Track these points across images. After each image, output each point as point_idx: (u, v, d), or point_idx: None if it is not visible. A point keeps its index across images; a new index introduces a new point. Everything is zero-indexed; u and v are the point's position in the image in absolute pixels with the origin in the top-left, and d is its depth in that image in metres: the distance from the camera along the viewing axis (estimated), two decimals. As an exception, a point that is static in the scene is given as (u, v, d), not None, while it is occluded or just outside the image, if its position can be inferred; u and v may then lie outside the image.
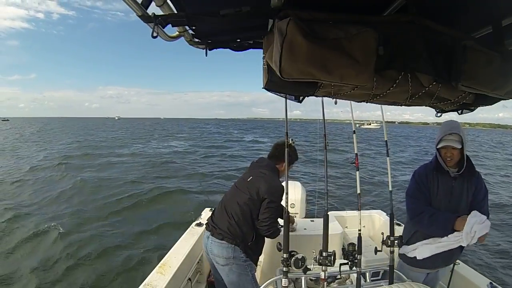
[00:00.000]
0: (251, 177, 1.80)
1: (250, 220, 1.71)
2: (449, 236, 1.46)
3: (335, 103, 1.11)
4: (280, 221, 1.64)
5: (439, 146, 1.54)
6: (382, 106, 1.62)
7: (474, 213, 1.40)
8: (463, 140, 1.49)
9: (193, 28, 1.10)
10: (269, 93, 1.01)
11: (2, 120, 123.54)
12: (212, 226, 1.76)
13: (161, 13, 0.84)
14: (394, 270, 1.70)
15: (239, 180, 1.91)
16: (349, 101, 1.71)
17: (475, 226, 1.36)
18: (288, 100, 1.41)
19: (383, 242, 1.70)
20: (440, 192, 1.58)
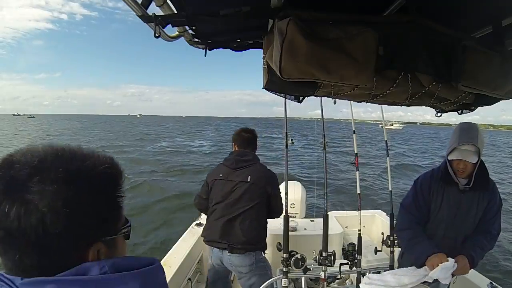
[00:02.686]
0: (248, 178, 1.68)
1: (262, 219, 1.70)
2: (417, 270, 1.25)
3: (334, 102, 1.11)
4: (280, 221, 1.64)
5: (451, 157, 1.30)
6: (382, 106, 1.62)
7: (450, 263, 1.19)
8: (480, 151, 1.26)
9: (193, 28, 1.10)
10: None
11: (28, 117, 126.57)
12: (224, 243, 1.63)
13: (161, 13, 0.84)
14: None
15: (227, 184, 1.71)
16: (350, 101, 1.72)
17: (441, 273, 1.18)
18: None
19: (383, 242, 1.71)
20: (444, 205, 1.37)
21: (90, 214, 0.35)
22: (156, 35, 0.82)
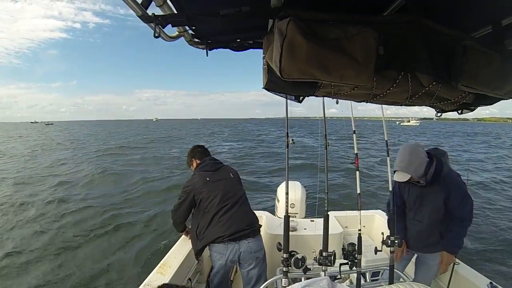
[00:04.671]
0: (230, 174, 1.98)
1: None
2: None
3: (337, 102, 1.11)
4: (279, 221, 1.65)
5: (395, 177, 1.71)
6: (382, 106, 1.62)
7: (408, 255, 2.02)
8: (410, 171, 1.65)
9: (193, 28, 1.10)
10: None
11: (46, 124, 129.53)
12: (241, 231, 1.77)
13: (161, 13, 0.84)
14: (394, 270, 1.70)
15: (217, 183, 1.88)
16: (349, 101, 1.71)
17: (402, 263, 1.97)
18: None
19: (383, 242, 1.71)
20: (410, 198, 1.89)
21: None
22: (156, 35, 0.82)
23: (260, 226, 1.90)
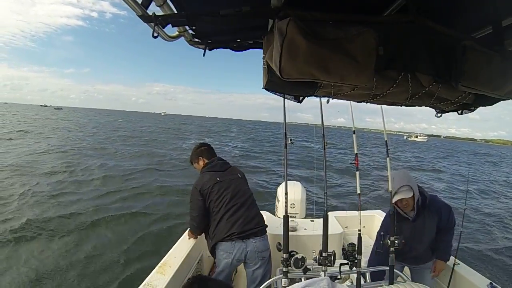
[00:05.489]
0: (238, 175, 2.00)
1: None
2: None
3: (327, 102, 1.12)
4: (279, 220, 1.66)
5: (395, 200, 1.73)
6: (382, 106, 1.62)
7: None
8: (413, 188, 1.72)
9: (193, 28, 1.10)
10: (316, 98, 1.05)
11: (55, 109, 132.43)
12: (248, 230, 1.80)
13: (161, 13, 0.84)
14: (394, 270, 1.70)
15: (226, 183, 1.90)
16: (349, 103, 1.72)
17: None
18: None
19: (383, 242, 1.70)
20: (405, 233, 1.82)
21: None
22: (155, 34, 0.82)
23: (266, 226, 1.92)
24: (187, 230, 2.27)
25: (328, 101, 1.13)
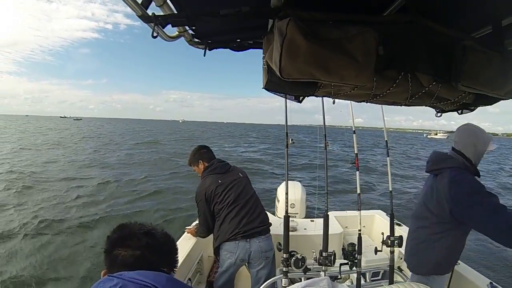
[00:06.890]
0: (240, 174, 1.99)
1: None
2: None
3: (333, 102, 1.12)
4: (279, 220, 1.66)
5: (490, 148, 1.40)
6: (383, 106, 1.62)
7: None
8: None
9: (193, 28, 1.10)
10: (330, 100, 1.06)
11: (75, 120, 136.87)
12: (252, 230, 1.79)
13: (161, 13, 0.84)
14: (394, 270, 1.70)
15: (229, 184, 1.89)
16: (349, 102, 1.72)
17: None
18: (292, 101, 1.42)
19: (383, 242, 1.71)
20: None
21: None
22: (154, 34, 0.82)
23: (270, 224, 1.91)
24: (187, 230, 2.27)
25: (334, 102, 1.12)
